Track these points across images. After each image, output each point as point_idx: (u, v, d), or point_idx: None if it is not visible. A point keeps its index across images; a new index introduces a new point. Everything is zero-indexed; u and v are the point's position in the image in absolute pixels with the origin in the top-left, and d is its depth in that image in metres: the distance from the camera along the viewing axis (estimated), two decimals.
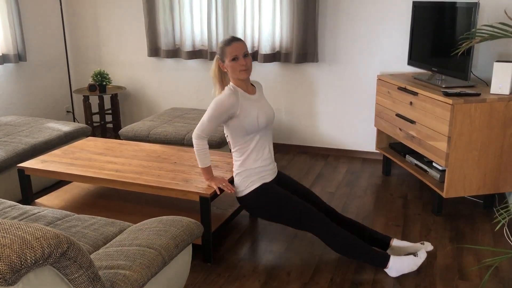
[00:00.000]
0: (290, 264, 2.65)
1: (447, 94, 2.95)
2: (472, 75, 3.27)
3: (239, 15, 4.32)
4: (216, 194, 2.59)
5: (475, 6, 2.95)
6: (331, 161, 4.28)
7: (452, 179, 2.99)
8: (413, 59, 3.65)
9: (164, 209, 2.97)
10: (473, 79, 3.30)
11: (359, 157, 4.36)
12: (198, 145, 2.58)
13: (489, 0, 3.50)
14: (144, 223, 2.08)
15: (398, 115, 3.45)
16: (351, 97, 4.26)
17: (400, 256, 2.51)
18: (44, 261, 1.30)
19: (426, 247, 2.63)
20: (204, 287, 2.44)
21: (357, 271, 2.56)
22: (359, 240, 2.53)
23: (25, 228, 1.32)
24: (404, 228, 3.03)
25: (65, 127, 3.88)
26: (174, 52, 4.65)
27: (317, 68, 4.30)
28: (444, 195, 3.03)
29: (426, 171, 3.31)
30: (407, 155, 3.56)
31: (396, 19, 3.95)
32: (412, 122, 3.28)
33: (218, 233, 2.78)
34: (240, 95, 2.52)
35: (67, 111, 5.15)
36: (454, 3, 3.17)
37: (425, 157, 3.37)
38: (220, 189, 2.59)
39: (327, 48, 4.22)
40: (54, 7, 4.85)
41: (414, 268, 2.48)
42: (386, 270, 2.51)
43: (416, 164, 3.43)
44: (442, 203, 3.19)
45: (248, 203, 2.65)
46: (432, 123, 3.05)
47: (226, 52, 2.50)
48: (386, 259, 2.49)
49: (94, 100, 5.01)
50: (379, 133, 3.86)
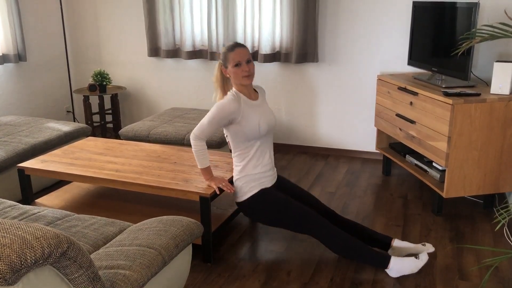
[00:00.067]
0: (290, 264, 2.65)
1: (447, 94, 2.95)
2: (472, 75, 3.27)
3: (239, 15, 4.32)
4: (216, 194, 2.59)
5: (475, 6, 2.95)
6: (331, 161, 4.28)
7: (452, 179, 2.99)
8: (413, 59, 3.65)
9: (164, 209, 2.97)
10: (473, 79, 3.30)
11: (359, 157, 4.36)
12: (196, 146, 2.58)
13: (489, 0, 3.50)
14: (144, 223, 2.08)
15: (398, 115, 3.45)
16: (351, 97, 4.26)
17: (401, 257, 2.51)
18: (44, 261, 1.30)
19: (428, 249, 2.63)
20: (204, 287, 2.44)
21: (357, 271, 2.56)
22: (359, 241, 2.53)
23: (25, 228, 1.32)
24: (404, 228, 3.03)
25: (65, 127, 3.88)
26: (174, 52, 4.65)
27: (317, 68, 4.30)
28: (444, 195, 3.03)
29: (426, 171, 3.31)
30: (407, 155, 3.56)
31: (396, 19, 3.95)
32: (412, 122, 3.27)
33: (218, 233, 2.78)
34: (242, 101, 2.53)
35: (67, 111, 5.15)
36: (454, 3, 3.17)
37: (425, 157, 3.37)
38: (220, 189, 2.59)
39: (327, 48, 4.22)
40: (54, 7, 4.85)
41: (414, 270, 2.48)
42: (387, 270, 2.51)
43: (416, 164, 3.43)
44: (442, 203, 3.19)
45: (247, 208, 2.66)
46: (432, 123, 3.05)
47: (229, 58, 2.51)
48: (386, 259, 2.49)
49: (94, 100, 5.01)
50: (379, 133, 3.86)
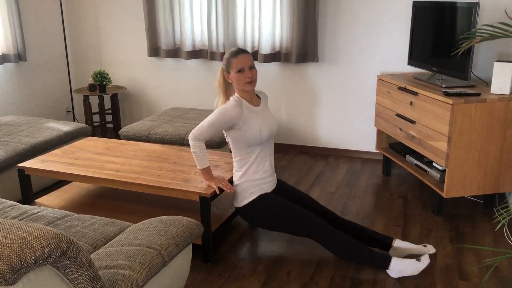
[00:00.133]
0: (290, 264, 2.64)
1: (447, 94, 2.95)
2: (472, 75, 3.27)
3: (239, 15, 4.32)
4: (216, 194, 2.59)
5: (475, 6, 2.95)
6: (331, 161, 4.28)
7: (452, 179, 2.99)
8: (413, 59, 3.65)
9: (164, 209, 2.97)
10: (473, 79, 3.30)
11: (359, 157, 4.36)
12: (195, 146, 2.58)
13: (489, 0, 3.50)
14: (144, 223, 2.08)
15: (398, 115, 3.45)
16: (351, 97, 4.26)
17: (402, 259, 2.51)
18: (44, 260, 1.30)
19: (429, 250, 2.63)
20: (204, 287, 2.44)
21: (357, 271, 2.56)
22: (359, 242, 2.53)
23: (25, 227, 1.32)
24: (404, 228, 3.03)
25: (65, 127, 3.88)
26: (174, 52, 4.65)
27: (317, 68, 4.30)
28: (444, 195, 3.03)
29: (426, 171, 3.31)
30: (407, 155, 3.56)
31: (396, 19, 3.95)
32: (412, 122, 3.27)
33: (218, 233, 2.78)
34: (244, 107, 2.53)
35: (67, 111, 5.15)
36: (454, 3, 3.17)
37: (425, 157, 3.37)
38: (220, 189, 2.59)
39: (327, 48, 4.22)
40: (54, 7, 4.85)
41: (415, 272, 2.47)
42: (387, 271, 2.51)
43: (416, 164, 3.43)
44: (442, 203, 3.19)
45: (247, 213, 2.67)
46: (432, 123, 3.05)
47: (233, 64, 2.51)
48: (387, 260, 2.49)
49: (94, 100, 5.01)
50: (379, 133, 3.86)
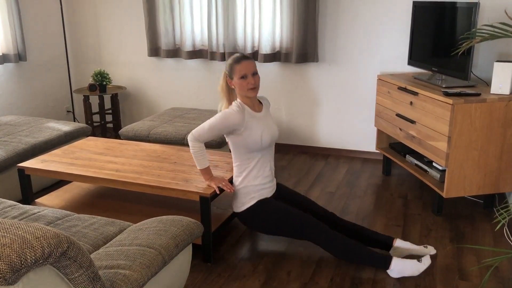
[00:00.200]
0: (290, 264, 2.64)
1: (447, 94, 2.95)
2: (472, 75, 3.27)
3: (239, 15, 4.32)
4: (216, 194, 2.59)
5: (475, 6, 2.95)
6: (331, 161, 4.28)
7: (452, 179, 2.99)
8: (413, 59, 3.65)
9: (164, 209, 2.97)
10: (473, 79, 3.30)
11: (359, 157, 4.36)
12: (194, 147, 2.58)
13: (489, 0, 3.50)
14: (144, 223, 2.08)
15: (398, 115, 3.45)
16: (351, 97, 4.26)
17: (403, 259, 2.51)
18: (44, 260, 1.30)
19: (429, 251, 2.63)
20: (204, 287, 2.44)
21: (357, 271, 2.56)
22: (359, 243, 2.53)
23: (25, 227, 1.32)
24: (404, 228, 3.03)
25: (65, 127, 3.88)
26: (174, 52, 4.65)
27: (317, 68, 4.30)
28: (444, 195, 3.03)
29: (426, 171, 3.31)
30: (407, 155, 3.56)
31: (396, 19, 3.95)
32: (412, 122, 3.27)
33: (218, 233, 2.78)
34: (246, 112, 2.54)
35: (67, 111, 5.15)
36: (454, 3, 3.17)
37: (425, 157, 3.37)
38: (220, 188, 2.59)
39: (327, 48, 4.22)
40: (54, 7, 4.85)
41: (416, 273, 2.47)
42: (387, 271, 2.50)
43: (416, 164, 3.43)
44: (442, 203, 3.19)
45: (247, 218, 2.68)
46: (432, 123, 3.05)
47: (236, 70, 2.51)
48: (387, 260, 2.49)
49: (94, 100, 5.01)
50: (379, 133, 3.86)
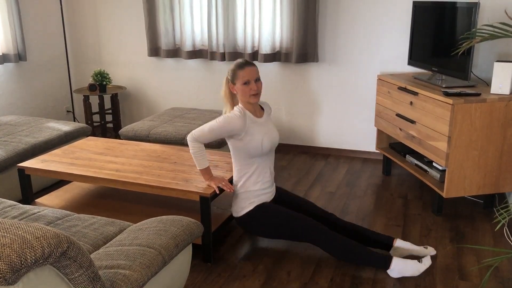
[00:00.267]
0: (290, 264, 2.64)
1: (447, 94, 2.95)
2: (472, 75, 3.27)
3: (239, 15, 4.32)
4: (216, 194, 2.59)
5: (476, 6, 2.95)
6: (331, 161, 4.28)
7: (452, 179, 2.99)
8: (413, 59, 3.65)
9: (164, 208, 2.97)
10: (473, 79, 3.30)
11: (359, 157, 4.36)
12: (194, 147, 2.58)
13: (489, 0, 3.50)
14: (144, 223, 2.08)
15: (398, 115, 3.45)
16: (351, 97, 4.26)
17: (404, 259, 2.51)
18: (44, 260, 1.30)
19: (429, 252, 2.63)
20: (204, 287, 2.44)
21: (357, 271, 2.56)
22: (359, 244, 2.53)
23: (25, 227, 1.32)
24: (404, 228, 3.03)
25: (65, 126, 3.88)
26: (174, 52, 4.65)
27: (317, 68, 4.30)
28: (444, 195, 3.03)
29: (426, 171, 3.31)
30: (407, 155, 3.56)
31: (396, 19, 3.95)
32: (412, 122, 3.27)
33: (218, 233, 2.78)
34: (247, 118, 2.54)
35: (67, 111, 5.15)
36: (455, 3, 3.17)
37: (425, 157, 3.37)
38: (220, 188, 2.59)
39: (327, 48, 4.22)
40: (54, 7, 4.85)
41: (416, 273, 2.47)
42: (388, 271, 2.50)
43: (416, 164, 3.43)
44: (442, 203, 3.19)
45: (246, 223, 2.69)
46: (432, 123, 3.05)
47: (239, 76, 2.52)
48: (387, 260, 2.49)
49: (94, 99, 5.01)
50: (379, 133, 3.86)
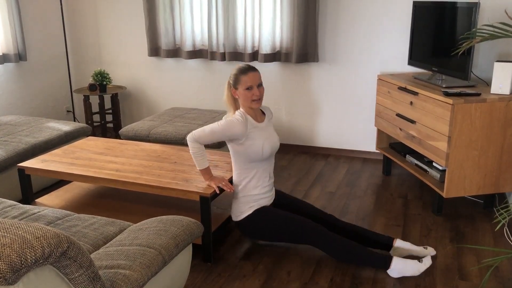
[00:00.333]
0: (290, 264, 2.64)
1: (447, 94, 2.95)
2: (473, 75, 3.27)
3: (239, 15, 4.32)
4: (216, 194, 2.59)
5: (476, 6, 2.95)
6: (331, 161, 4.28)
7: (452, 179, 2.99)
8: (413, 59, 3.65)
9: (164, 208, 2.97)
10: (473, 79, 3.30)
11: (359, 157, 4.36)
12: (194, 148, 2.58)
13: (489, 0, 3.50)
14: (144, 223, 2.08)
15: (398, 115, 3.45)
16: (351, 97, 4.26)
17: (404, 259, 2.51)
18: (44, 260, 1.30)
19: (429, 252, 2.63)
20: (204, 287, 2.44)
21: (357, 271, 2.56)
22: (358, 245, 2.53)
23: (25, 227, 1.32)
24: (404, 228, 3.03)
25: (65, 126, 3.88)
26: (175, 52, 4.65)
27: (317, 68, 4.30)
28: (444, 195, 3.03)
29: (426, 171, 3.31)
30: (407, 155, 3.56)
31: (396, 19, 3.95)
32: (412, 122, 3.27)
33: (218, 233, 2.78)
34: (249, 123, 2.55)
35: (68, 111, 5.15)
36: (455, 3, 3.17)
37: (425, 157, 3.37)
38: (220, 188, 2.59)
39: (327, 48, 4.22)
40: (54, 7, 4.85)
41: (416, 273, 2.47)
42: (388, 271, 2.50)
43: (416, 164, 3.43)
44: (442, 203, 3.19)
45: (245, 227, 2.70)
46: (432, 123, 3.05)
47: (241, 81, 2.52)
48: (387, 260, 2.49)
49: (94, 99, 5.01)
50: (379, 133, 3.86)
